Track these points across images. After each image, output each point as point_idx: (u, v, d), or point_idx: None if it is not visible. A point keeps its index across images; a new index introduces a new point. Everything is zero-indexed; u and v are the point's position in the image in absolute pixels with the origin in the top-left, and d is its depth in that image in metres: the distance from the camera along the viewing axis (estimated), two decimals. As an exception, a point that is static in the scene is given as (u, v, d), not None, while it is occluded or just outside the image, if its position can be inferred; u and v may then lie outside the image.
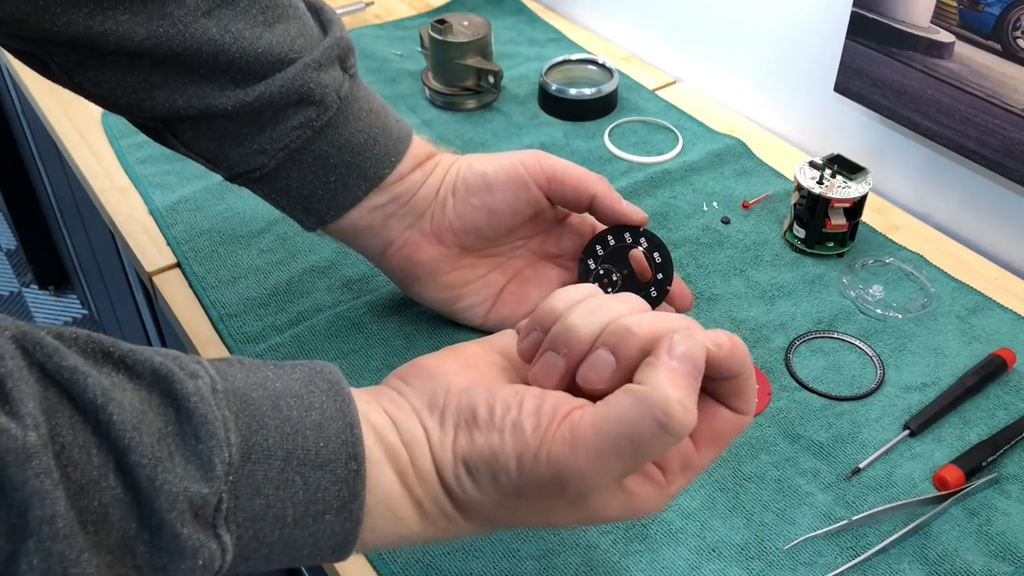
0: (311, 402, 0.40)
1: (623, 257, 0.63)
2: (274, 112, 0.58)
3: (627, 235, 0.63)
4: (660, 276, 0.63)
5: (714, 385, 0.42)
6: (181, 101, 0.56)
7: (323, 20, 0.60)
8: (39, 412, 0.32)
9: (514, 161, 0.61)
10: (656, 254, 0.63)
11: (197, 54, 0.54)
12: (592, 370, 0.41)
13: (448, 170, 0.63)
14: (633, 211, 0.62)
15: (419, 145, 0.63)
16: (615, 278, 0.63)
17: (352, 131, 0.60)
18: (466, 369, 0.44)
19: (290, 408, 0.39)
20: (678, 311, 0.65)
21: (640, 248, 0.63)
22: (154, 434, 0.34)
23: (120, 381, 0.35)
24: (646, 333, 0.40)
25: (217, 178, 0.65)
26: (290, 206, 0.62)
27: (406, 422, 0.42)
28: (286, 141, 0.59)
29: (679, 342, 0.39)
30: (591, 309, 0.42)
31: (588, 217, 0.65)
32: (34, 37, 0.54)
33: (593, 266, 0.63)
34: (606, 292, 0.63)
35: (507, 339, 0.46)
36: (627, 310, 0.42)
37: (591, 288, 0.44)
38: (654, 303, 0.63)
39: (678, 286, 0.64)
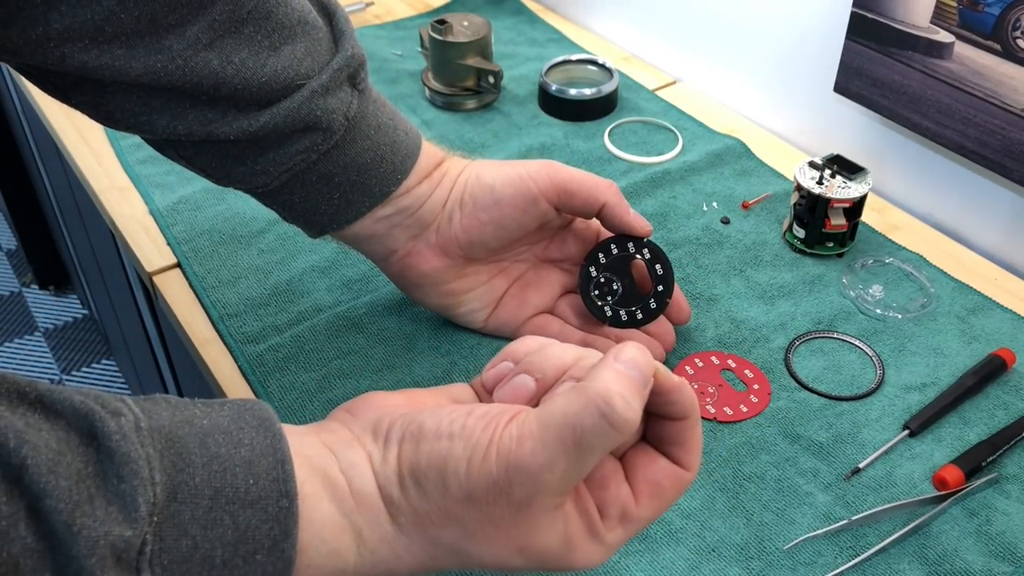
0: (240, 438, 0.38)
1: (625, 266, 0.63)
2: (278, 137, 0.56)
3: (630, 245, 0.63)
4: (660, 288, 0.63)
5: (658, 427, 0.42)
6: (182, 127, 0.54)
7: (335, 30, 0.58)
8: None
9: (523, 175, 0.60)
10: (658, 265, 0.63)
11: (197, 87, 0.52)
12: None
13: (456, 181, 0.62)
14: (639, 222, 0.62)
15: (427, 156, 0.62)
16: (615, 287, 0.63)
17: (358, 151, 0.59)
18: (414, 404, 0.44)
19: (218, 445, 0.37)
20: (674, 323, 0.65)
21: (642, 259, 0.63)
22: (72, 476, 0.33)
23: (36, 422, 0.34)
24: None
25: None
26: (292, 217, 0.62)
27: (345, 450, 0.41)
28: (290, 164, 0.57)
29: (627, 349, 0.39)
30: (566, 346, 0.43)
31: (593, 222, 0.65)
32: (29, 67, 0.53)
33: (595, 273, 0.63)
34: (606, 300, 0.63)
35: (458, 390, 0.46)
36: (597, 355, 0.42)
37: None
38: (653, 314, 0.63)
39: (677, 299, 0.64)
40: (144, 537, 0.34)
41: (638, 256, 0.63)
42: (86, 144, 0.90)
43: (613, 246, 0.63)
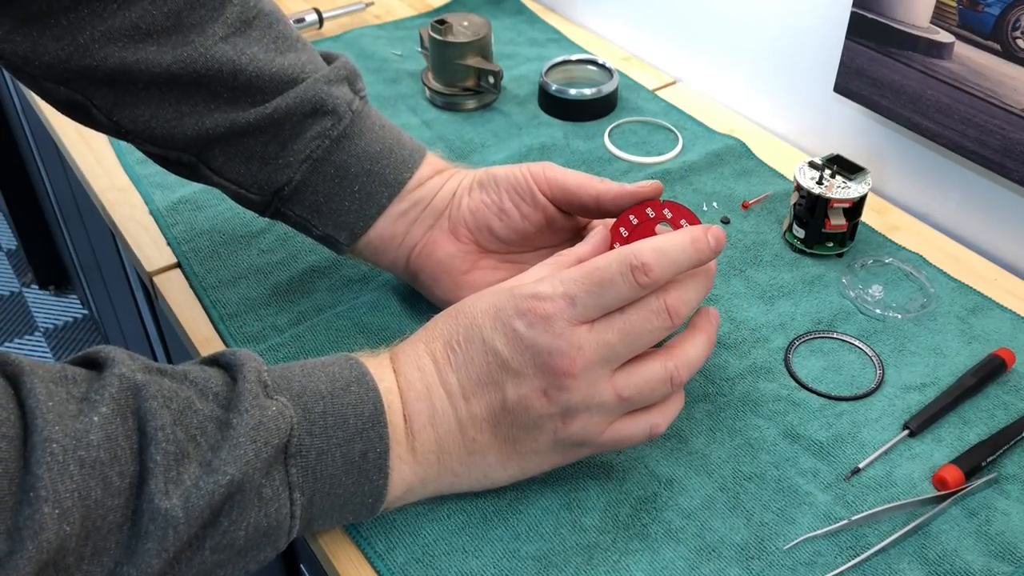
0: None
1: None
2: (292, 125, 0.63)
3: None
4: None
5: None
6: (208, 123, 0.62)
7: (328, 58, 0.67)
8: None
9: (521, 168, 0.64)
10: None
11: (218, 74, 0.60)
12: None
13: (465, 177, 0.67)
14: (646, 185, 0.60)
15: (436, 159, 0.68)
16: None
17: (368, 141, 0.65)
18: None
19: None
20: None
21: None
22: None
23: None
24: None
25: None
26: (322, 223, 0.65)
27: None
28: (307, 151, 0.63)
29: None
30: None
31: (610, 222, 0.64)
32: (76, 79, 0.59)
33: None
34: None
35: None
36: None
37: None
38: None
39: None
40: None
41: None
42: (86, 144, 0.90)
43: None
